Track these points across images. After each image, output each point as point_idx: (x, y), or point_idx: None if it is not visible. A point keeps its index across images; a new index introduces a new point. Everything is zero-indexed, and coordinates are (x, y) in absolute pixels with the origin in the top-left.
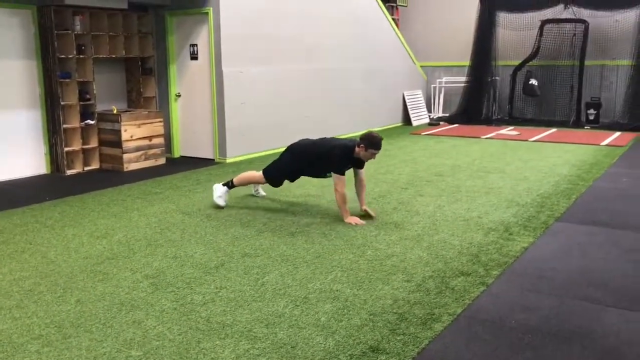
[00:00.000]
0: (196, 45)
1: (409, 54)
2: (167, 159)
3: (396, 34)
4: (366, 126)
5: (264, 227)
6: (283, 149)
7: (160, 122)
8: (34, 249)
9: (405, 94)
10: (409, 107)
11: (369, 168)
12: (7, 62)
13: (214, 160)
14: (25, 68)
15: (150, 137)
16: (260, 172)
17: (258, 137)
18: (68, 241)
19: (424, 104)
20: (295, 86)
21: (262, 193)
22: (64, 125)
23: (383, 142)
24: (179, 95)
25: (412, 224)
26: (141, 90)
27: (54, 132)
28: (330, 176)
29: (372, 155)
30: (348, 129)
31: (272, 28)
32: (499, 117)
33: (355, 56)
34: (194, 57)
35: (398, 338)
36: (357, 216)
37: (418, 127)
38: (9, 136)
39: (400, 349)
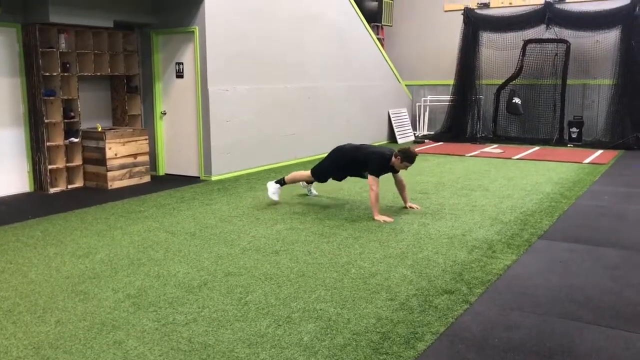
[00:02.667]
0: (182, 63)
1: (394, 73)
2: (152, 177)
3: (381, 53)
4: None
5: (248, 246)
6: (268, 167)
7: (145, 140)
8: (15, 269)
9: (390, 112)
10: (394, 125)
11: (353, 185)
12: None
13: (199, 178)
14: (10, 86)
15: (135, 155)
16: (308, 172)
17: (243, 155)
18: (50, 260)
19: (409, 122)
20: (280, 104)
21: (315, 192)
22: (48, 143)
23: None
24: (164, 113)
25: (396, 241)
26: (126, 108)
27: (37, 150)
28: (366, 177)
29: (405, 167)
30: (332, 146)
31: (257, 47)
32: (483, 135)
33: (340, 75)
34: (179, 75)
35: (381, 358)
36: (387, 215)
37: (403, 144)
38: None
39: None
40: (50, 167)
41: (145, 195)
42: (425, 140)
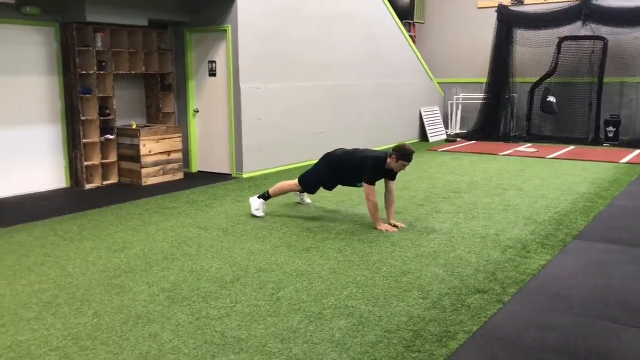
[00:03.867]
0: (214, 61)
1: (426, 71)
2: (185, 174)
3: (413, 50)
4: (381, 142)
5: (279, 242)
6: (297, 164)
7: (178, 137)
8: (53, 262)
9: (422, 110)
10: (425, 123)
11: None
12: (30, 78)
13: (230, 175)
14: (48, 83)
15: (168, 152)
16: (295, 180)
17: (274, 153)
18: (86, 254)
19: (440, 120)
20: (310, 102)
21: (307, 200)
22: (84, 140)
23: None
24: (197, 111)
25: (428, 240)
26: (160, 105)
27: (74, 147)
28: (361, 186)
29: (402, 167)
30: (362, 145)
31: (288, 45)
32: (516, 134)
33: (370, 73)
34: (212, 73)
35: (413, 355)
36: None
37: (435, 143)
38: (30, 150)
39: None
40: (86, 163)
41: (178, 191)
42: (458, 139)
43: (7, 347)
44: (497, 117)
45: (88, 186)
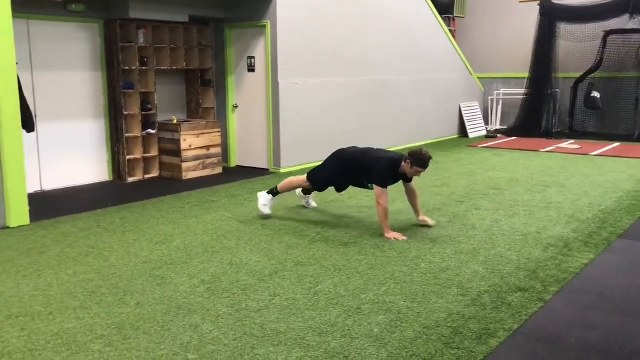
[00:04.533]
0: (254, 57)
1: (466, 66)
2: (224, 168)
3: (452, 45)
4: (420, 138)
5: (317, 237)
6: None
7: (218, 132)
8: (97, 253)
9: (461, 106)
10: (465, 119)
11: (423, 180)
12: (75, 74)
13: (268, 170)
14: (92, 79)
15: (208, 147)
16: (304, 177)
17: (311, 148)
18: (129, 246)
19: (481, 116)
20: (348, 97)
21: (313, 204)
22: (127, 135)
23: (438, 155)
24: (236, 106)
25: (467, 237)
26: (200, 101)
27: (116, 141)
28: (372, 188)
29: (417, 173)
30: (401, 141)
31: (326, 40)
32: (559, 130)
33: (408, 68)
34: (251, 69)
35: (452, 352)
36: (398, 232)
37: (475, 139)
38: (75, 144)
39: None
40: (128, 157)
41: (217, 186)
42: (498, 135)
43: (54, 335)
44: (539, 113)
45: (130, 180)
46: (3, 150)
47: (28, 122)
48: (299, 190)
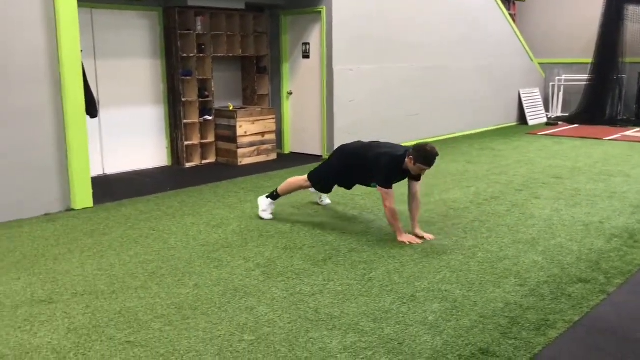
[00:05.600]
0: (308, 43)
1: (526, 51)
2: (278, 155)
3: (512, 29)
4: (477, 125)
5: (370, 224)
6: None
7: (272, 119)
8: (157, 235)
9: (521, 92)
10: (525, 105)
11: (480, 167)
12: (136, 61)
13: (321, 157)
14: (151, 66)
15: (263, 133)
16: (305, 177)
17: (365, 134)
18: (187, 229)
19: (541, 103)
20: (403, 84)
21: (327, 201)
22: (185, 121)
23: (496, 142)
24: (291, 93)
25: (526, 227)
26: (255, 88)
27: (175, 127)
28: (375, 187)
29: (421, 171)
30: (457, 128)
31: (381, 26)
32: (624, 117)
33: (466, 53)
34: (306, 55)
35: (509, 342)
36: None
37: (534, 126)
38: (136, 130)
39: (511, 353)
40: (186, 143)
41: (272, 172)
42: (559, 123)
43: (117, 313)
44: (603, 100)
45: (188, 165)
46: (68, 135)
47: (91, 109)
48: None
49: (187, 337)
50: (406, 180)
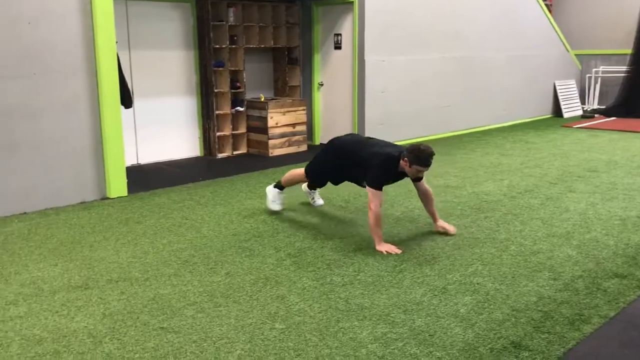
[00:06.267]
0: (340, 34)
1: (562, 41)
2: (309, 146)
3: (548, 20)
4: (511, 117)
5: (401, 216)
6: (420, 139)
7: (303, 110)
8: (190, 224)
9: (556, 84)
10: (560, 97)
11: (514, 160)
12: (169, 52)
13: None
14: (185, 57)
15: (294, 125)
16: (302, 170)
17: (396, 126)
18: (219, 218)
19: (577, 95)
20: (435, 75)
21: (319, 202)
22: (217, 112)
23: (530, 135)
24: (322, 84)
25: (561, 220)
26: (287, 79)
27: (207, 118)
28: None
29: (418, 173)
30: (490, 120)
31: (413, 16)
32: None
33: (500, 44)
34: (337, 46)
35: (542, 336)
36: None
37: (570, 119)
38: (169, 121)
39: (544, 347)
40: (218, 134)
41: (302, 163)
42: (595, 115)
43: (150, 299)
44: None
45: (220, 155)
46: (104, 125)
47: (126, 99)
48: (304, 185)
49: (219, 324)
50: (407, 180)
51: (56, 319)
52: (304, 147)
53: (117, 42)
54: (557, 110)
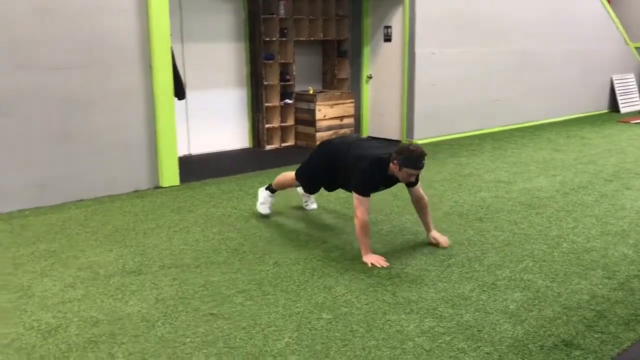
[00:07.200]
0: (390, 27)
1: (622, 34)
2: None
3: (607, 12)
4: (564, 112)
5: (450, 210)
6: (470, 133)
7: (351, 103)
8: (239, 214)
9: (613, 78)
10: (617, 92)
11: (567, 156)
12: (221, 45)
13: (400, 141)
14: (236, 50)
15: (341, 117)
16: (293, 174)
17: (446, 120)
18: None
19: (636, 90)
20: (487, 68)
21: (312, 206)
22: (266, 104)
23: (585, 130)
24: (370, 77)
25: (616, 218)
26: (335, 71)
27: (257, 110)
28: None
29: (410, 177)
30: (543, 115)
31: (466, 9)
32: None
33: (555, 37)
34: (387, 39)
35: (595, 336)
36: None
37: (627, 114)
38: (220, 112)
39: (597, 347)
40: (267, 126)
41: None
42: None
43: (201, 286)
44: None
45: (268, 147)
46: (157, 116)
47: (179, 91)
48: (299, 188)
49: (267, 312)
50: (404, 186)
51: (111, 302)
52: None
53: (171, 34)
54: (614, 105)
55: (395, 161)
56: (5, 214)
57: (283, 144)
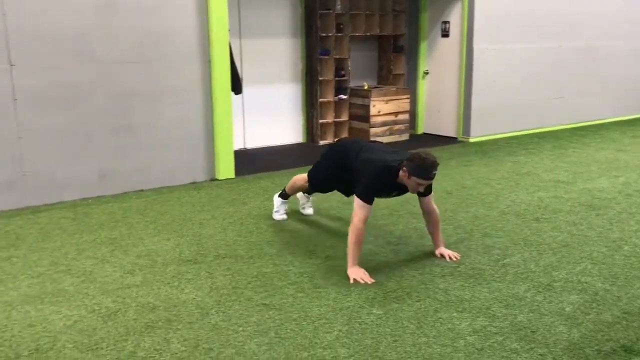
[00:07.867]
0: (448, 22)
1: None
2: (410, 135)
3: None
4: (630, 111)
5: (506, 209)
6: (530, 131)
7: (407, 98)
8: (292, 207)
9: None
10: None
11: (629, 156)
12: (278, 40)
13: (456, 138)
14: (292, 45)
15: (396, 113)
16: (306, 175)
17: (504, 117)
18: (318, 204)
19: None
20: (550, 64)
21: (308, 211)
22: (320, 99)
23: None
24: (427, 73)
25: None
26: (391, 67)
27: (311, 105)
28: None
29: (419, 186)
30: (606, 114)
31: (528, 3)
32: None
33: (623, 32)
34: (445, 34)
35: None
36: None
37: None
38: (275, 107)
39: None
40: (321, 121)
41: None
42: None
43: (254, 277)
44: None
45: (321, 143)
46: (215, 110)
47: (236, 86)
48: (299, 193)
49: (318, 305)
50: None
51: (168, 290)
52: (405, 136)
53: (229, 30)
54: None
55: (405, 168)
56: (70, 202)
57: (336, 140)
